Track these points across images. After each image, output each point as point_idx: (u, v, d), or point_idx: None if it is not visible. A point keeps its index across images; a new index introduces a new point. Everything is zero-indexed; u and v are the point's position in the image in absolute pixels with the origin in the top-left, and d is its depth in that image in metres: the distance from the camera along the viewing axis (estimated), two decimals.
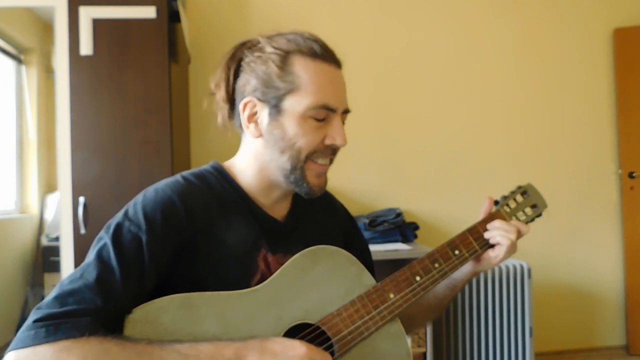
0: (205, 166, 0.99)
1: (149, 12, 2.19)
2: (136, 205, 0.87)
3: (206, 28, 2.93)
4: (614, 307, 3.27)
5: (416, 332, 2.35)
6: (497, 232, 1.03)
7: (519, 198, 1.13)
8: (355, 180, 2.98)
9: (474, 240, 1.04)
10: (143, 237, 0.83)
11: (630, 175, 3.21)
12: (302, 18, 3.00)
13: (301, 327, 0.88)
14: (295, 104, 0.90)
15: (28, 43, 2.76)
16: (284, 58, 0.91)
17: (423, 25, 3.14)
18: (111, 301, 0.78)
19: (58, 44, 2.19)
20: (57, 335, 0.72)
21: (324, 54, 0.92)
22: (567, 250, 3.23)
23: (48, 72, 2.70)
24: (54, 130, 2.22)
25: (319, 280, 0.91)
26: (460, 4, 3.16)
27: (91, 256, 0.82)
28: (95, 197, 2.16)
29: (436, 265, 0.99)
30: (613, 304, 3.27)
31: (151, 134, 2.19)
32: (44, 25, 2.65)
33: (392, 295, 0.94)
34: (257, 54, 0.93)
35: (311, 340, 0.87)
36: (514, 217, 1.10)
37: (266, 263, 0.94)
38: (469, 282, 1.15)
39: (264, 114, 0.93)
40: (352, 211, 1.20)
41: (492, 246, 1.05)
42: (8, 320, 2.55)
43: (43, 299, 0.78)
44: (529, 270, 2.54)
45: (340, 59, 0.96)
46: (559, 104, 3.25)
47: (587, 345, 3.23)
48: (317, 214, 1.07)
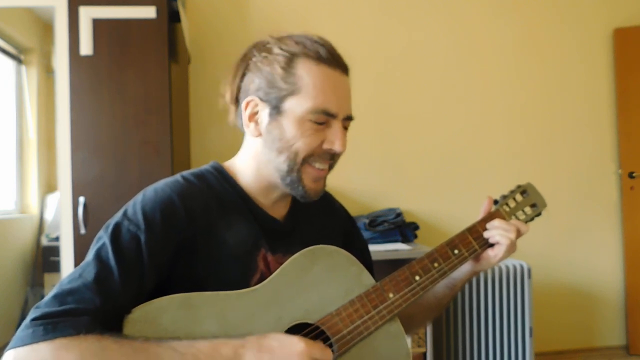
0: (205, 166, 1.00)
1: (149, 12, 2.19)
2: (135, 204, 0.88)
3: (206, 28, 2.93)
4: (614, 307, 3.27)
5: (416, 332, 2.35)
6: (496, 232, 1.03)
7: (519, 197, 1.13)
8: (355, 180, 2.98)
9: (473, 240, 1.04)
10: (142, 237, 0.83)
11: (630, 175, 3.21)
12: (302, 18, 3.00)
13: (301, 327, 0.88)
14: (296, 106, 0.90)
15: (28, 43, 2.76)
16: (289, 60, 0.91)
17: (423, 25, 3.14)
18: (110, 301, 0.78)
19: (58, 44, 2.19)
20: (55, 333, 0.72)
21: (329, 59, 0.92)
22: (567, 250, 3.23)
23: (48, 72, 2.70)
24: (54, 130, 2.22)
25: (319, 280, 0.91)
26: (460, 4, 3.16)
27: (90, 256, 0.82)
28: (95, 197, 2.16)
29: (435, 264, 0.99)
30: (613, 304, 3.27)
31: (151, 134, 2.19)
32: (44, 25, 2.65)
33: (391, 295, 0.94)
34: (264, 54, 0.93)
35: None
36: (513, 217, 1.10)
37: (266, 263, 0.94)
38: (469, 281, 1.15)
39: (264, 114, 0.93)
40: (352, 211, 1.20)
41: (492, 245, 1.04)
42: (8, 320, 2.55)
43: (43, 298, 0.78)
44: (529, 270, 2.54)
45: (347, 64, 0.95)
46: (559, 104, 3.25)
47: (587, 345, 3.23)
48: (316, 214, 1.07)
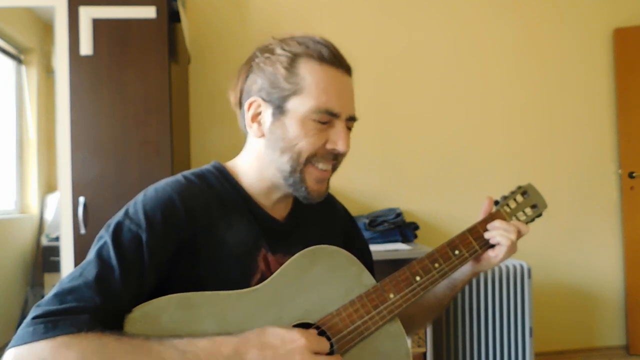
0: (207, 166, 1.00)
1: (149, 12, 2.19)
2: (136, 204, 0.88)
3: (206, 28, 2.93)
4: (614, 307, 3.27)
5: (416, 332, 2.35)
6: (497, 232, 1.03)
7: (519, 198, 1.13)
8: (355, 180, 2.98)
9: (473, 240, 1.03)
10: (143, 236, 0.83)
11: (630, 175, 3.21)
12: (302, 18, 3.00)
13: (301, 327, 0.88)
14: (299, 106, 0.90)
15: (28, 43, 2.75)
16: (292, 60, 0.91)
17: (423, 25, 3.14)
18: (110, 299, 0.78)
19: (58, 44, 2.19)
20: (55, 331, 0.72)
21: (332, 59, 0.92)
22: (567, 250, 3.23)
23: (48, 72, 2.70)
24: (54, 130, 2.22)
25: (319, 280, 0.91)
26: (460, 4, 3.17)
27: (91, 255, 0.82)
28: (95, 197, 2.16)
29: (436, 265, 0.99)
30: (613, 304, 3.27)
31: (151, 134, 2.19)
32: (44, 25, 2.65)
33: (391, 295, 0.94)
34: (266, 55, 0.93)
35: None
36: (514, 217, 1.10)
37: (266, 263, 0.94)
38: (469, 282, 1.15)
39: (267, 114, 0.93)
40: (352, 211, 1.20)
41: (492, 246, 1.04)
42: (8, 320, 2.55)
43: (43, 298, 0.78)
44: (529, 270, 2.54)
45: (350, 65, 0.95)
46: (559, 104, 3.25)
47: (587, 345, 3.23)
48: (317, 214, 1.07)
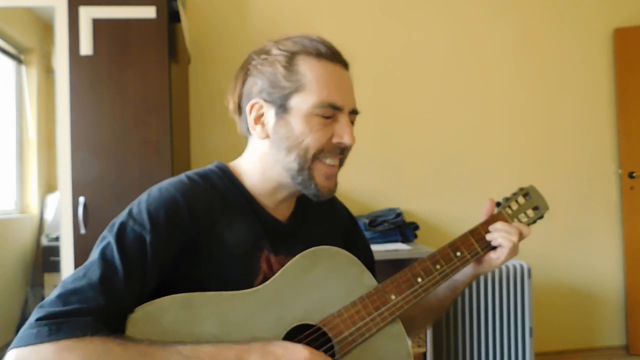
0: (210, 166, 1.00)
1: (149, 12, 2.19)
2: (140, 204, 0.87)
3: (206, 28, 2.93)
4: (614, 307, 3.27)
5: (417, 334, 2.35)
6: (499, 234, 1.03)
7: (521, 200, 1.13)
8: (355, 180, 2.97)
9: (475, 242, 1.03)
10: (147, 237, 0.83)
11: (630, 175, 3.21)
12: (302, 18, 2.99)
13: (302, 328, 0.88)
14: (301, 103, 0.90)
15: (28, 43, 2.75)
16: (290, 58, 0.91)
17: (423, 25, 3.14)
18: (114, 300, 0.78)
19: (58, 44, 2.18)
20: (59, 334, 0.71)
21: (329, 54, 0.93)
22: (567, 250, 3.23)
23: (48, 72, 2.69)
24: (54, 130, 2.22)
25: (320, 281, 0.91)
26: (460, 4, 3.16)
27: (95, 255, 0.82)
28: (95, 197, 2.15)
29: (437, 266, 0.99)
30: (613, 304, 3.27)
31: (151, 134, 2.19)
32: (44, 25, 2.64)
33: (393, 297, 0.94)
34: (263, 57, 0.94)
35: (312, 341, 0.87)
36: (515, 219, 1.10)
37: (269, 264, 0.93)
38: (470, 284, 1.15)
39: (270, 115, 0.93)
40: (352, 211, 1.20)
41: (494, 248, 1.04)
42: (8, 320, 2.54)
43: (43, 299, 0.77)
44: (529, 271, 2.54)
45: (347, 60, 0.96)
46: (559, 104, 3.25)
47: (587, 345, 3.23)
48: (319, 215, 1.07)
